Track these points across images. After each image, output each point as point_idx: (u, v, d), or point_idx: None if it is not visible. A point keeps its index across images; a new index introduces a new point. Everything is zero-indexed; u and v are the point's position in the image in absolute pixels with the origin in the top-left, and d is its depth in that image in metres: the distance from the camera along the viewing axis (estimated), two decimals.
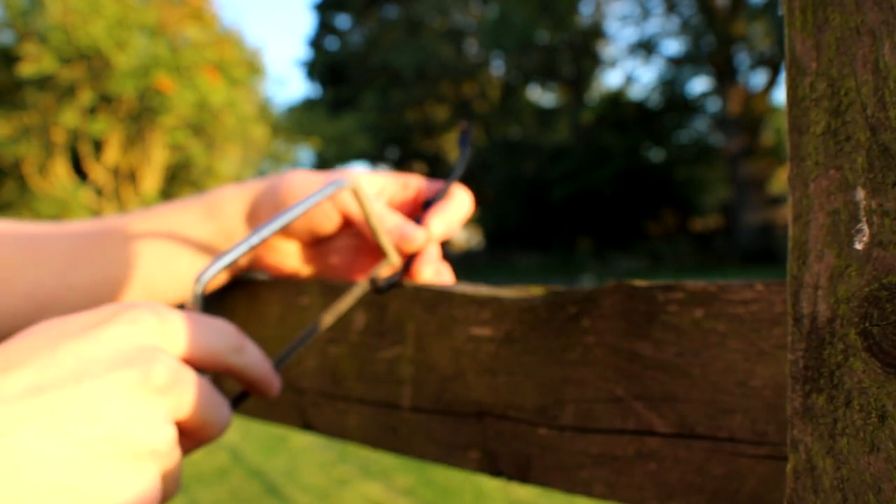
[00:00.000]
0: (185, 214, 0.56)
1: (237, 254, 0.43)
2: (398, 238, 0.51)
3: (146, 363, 0.34)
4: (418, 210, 0.57)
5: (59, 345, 0.33)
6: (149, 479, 0.33)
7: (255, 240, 0.43)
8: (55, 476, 0.30)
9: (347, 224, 0.55)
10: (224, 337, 0.40)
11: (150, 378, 0.34)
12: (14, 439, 0.29)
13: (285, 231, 0.55)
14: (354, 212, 0.53)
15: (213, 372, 0.41)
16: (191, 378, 0.36)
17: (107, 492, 0.31)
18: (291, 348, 0.48)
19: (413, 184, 0.57)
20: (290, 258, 0.58)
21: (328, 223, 0.54)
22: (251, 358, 0.42)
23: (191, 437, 0.38)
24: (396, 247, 0.52)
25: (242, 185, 0.56)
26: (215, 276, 0.42)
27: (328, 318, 0.50)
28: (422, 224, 0.52)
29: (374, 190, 0.56)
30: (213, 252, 0.55)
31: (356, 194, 0.48)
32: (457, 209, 0.54)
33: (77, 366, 0.33)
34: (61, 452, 0.30)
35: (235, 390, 0.52)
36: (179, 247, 0.55)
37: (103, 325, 0.35)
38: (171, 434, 0.35)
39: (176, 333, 0.37)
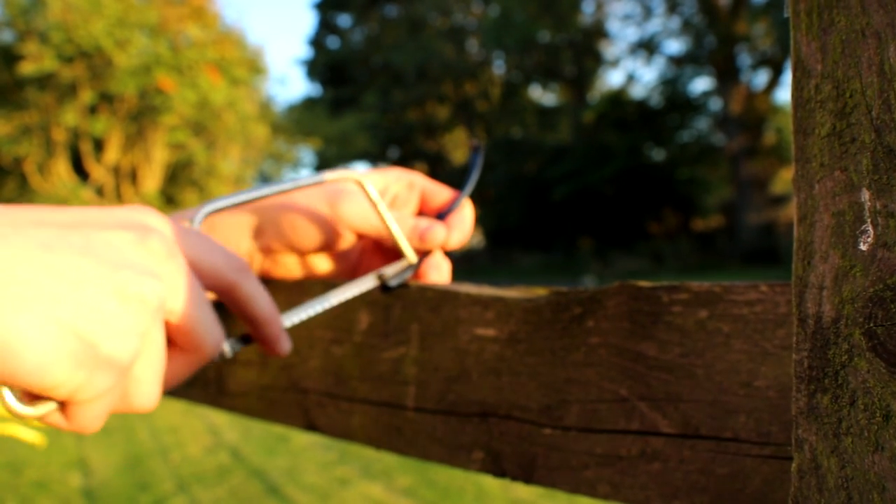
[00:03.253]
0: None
1: (231, 202, 0.45)
2: (419, 236, 0.52)
3: (144, 231, 0.35)
4: (425, 209, 0.57)
5: (69, 208, 0.35)
6: (131, 321, 0.32)
7: (245, 196, 0.45)
8: (44, 281, 0.30)
9: (359, 237, 0.55)
10: (228, 256, 0.40)
11: (146, 243, 0.34)
12: (13, 242, 0.30)
13: (295, 248, 0.54)
14: (365, 227, 0.53)
15: (213, 289, 0.40)
16: (185, 266, 0.36)
17: (90, 313, 0.31)
18: (301, 309, 0.47)
19: (418, 183, 0.57)
20: (297, 270, 0.57)
21: (341, 241, 0.54)
22: (255, 288, 0.41)
23: (177, 339, 0.37)
24: (416, 246, 0.52)
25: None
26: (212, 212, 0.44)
27: (333, 298, 0.50)
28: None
29: (378, 188, 0.56)
30: None
31: (362, 187, 0.49)
32: (469, 222, 0.55)
33: (80, 217, 0.34)
34: (52, 263, 0.30)
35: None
36: None
37: (113, 208, 0.36)
38: (160, 290, 0.34)
39: (180, 234, 0.37)
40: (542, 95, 25.07)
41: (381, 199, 0.56)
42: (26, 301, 0.29)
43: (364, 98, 24.30)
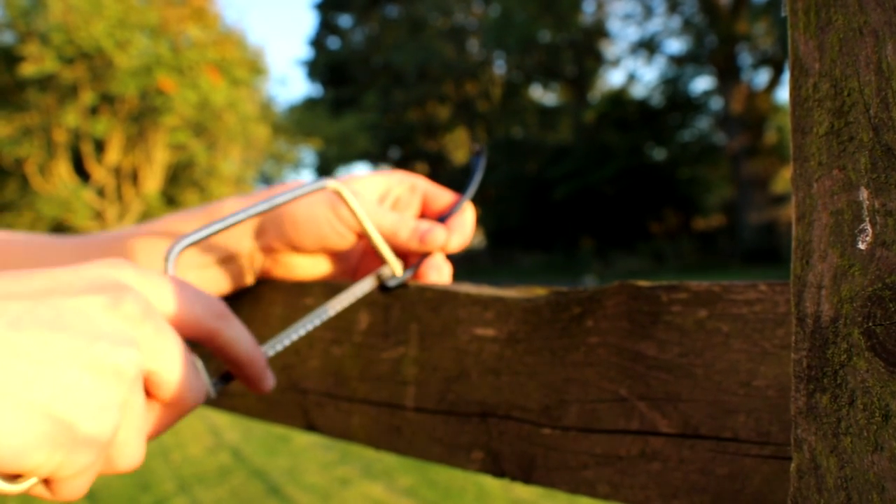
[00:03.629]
0: (188, 224, 0.56)
1: (205, 234, 0.44)
2: (419, 239, 0.52)
3: (117, 293, 0.33)
4: (426, 212, 0.57)
5: (37, 272, 0.33)
6: (109, 396, 0.31)
7: (220, 226, 0.45)
8: (14, 363, 0.28)
9: (359, 237, 0.55)
10: (207, 302, 0.39)
11: (120, 307, 0.33)
12: None
13: (297, 247, 0.54)
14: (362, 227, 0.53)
15: (193, 338, 0.39)
16: (163, 323, 0.35)
17: (65, 393, 0.29)
18: (286, 335, 0.47)
19: (420, 186, 0.57)
20: (299, 270, 0.57)
21: (341, 241, 0.54)
22: (236, 332, 0.40)
23: (159, 396, 0.36)
24: (416, 248, 0.53)
25: (247, 197, 0.56)
26: (186, 249, 0.44)
27: (330, 309, 0.50)
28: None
29: (380, 191, 0.56)
30: (216, 261, 0.55)
31: (340, 196, 0.49)
32: (469, 226, 0.55)
33: (49, 284, 0.32)
34: (22, 343, 0.29)
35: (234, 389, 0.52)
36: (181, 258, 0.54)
37: (84, 266, 0.34)
38: (136, 358, 0.32)
39: (155, 287, 0.36)
40: (543, 95, 25.08)
41: (383, 202, 0.56)
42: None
43: (365, 98, 24.31)
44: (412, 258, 0.55)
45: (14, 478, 0.30)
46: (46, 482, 0.32)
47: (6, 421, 0.28)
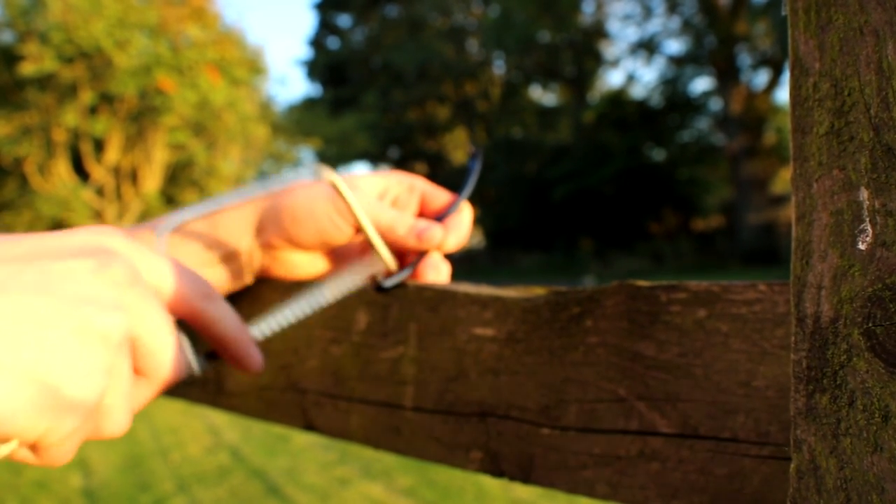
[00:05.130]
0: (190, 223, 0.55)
1: (197, 212, 0.46)
2: (416, 236, 0.52)
3: (105, 258, 0.33)
4: (424, 212, 0.57)
5: (25, 236, 0.33)
6: (95, 360, 0.31)
7: (213, 206, 0.47)
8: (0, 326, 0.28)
9: (357, 231, 0.55)
10: (194, 281, 0.39)
11: (107, 271, 0.32)
12: None
13: (296, 243, 0.54)
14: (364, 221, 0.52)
15: (177, 314, 0.39)
16: (149, 291, 0.35)
17: (51, 357, 0.29)
18: (273, 318, 0.47)
19: (418, 186, 0.58)
20: (298, 268, 0.57)
21: (339, 234, 0.54)
22: (222, 312, 0.40)
23: (142, 365, 0.36)
24: (413, 245, 0.52)
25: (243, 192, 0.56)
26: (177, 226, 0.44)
27: (323, 294, 0.49)
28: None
29: (378, 190, 0.56)
30: (216, 259, 0.55)
31: (336, 188, 0.49)
32: (466, 225, 0.55)
33: (36, 248, 0.32)
34: (7, 307, 0.29)
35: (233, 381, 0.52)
36: (181, 257, 0.54)
37: (72, 231, 0.34)
38: (123, 323, 0.32)
39: (143, 258, 0.36)
40: (543, 95, 25.08)
41: (382, 200, 0.56)
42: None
43: (364, 98, 24.30)
44: (410, 257, 0.54)
45: None
46: (32, 447, 0.32)
47: None
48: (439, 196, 0.57)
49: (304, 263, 0.57)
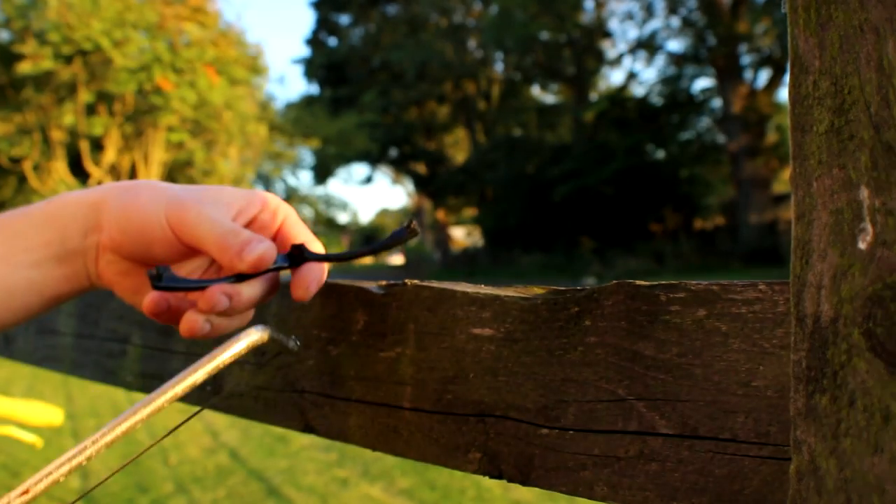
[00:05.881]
0: (24, 219, 0.51)
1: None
2: (235, 252, 0.47)
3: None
4: (280, 236, 0.54)
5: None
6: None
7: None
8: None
9: (194, 251, 0.51)
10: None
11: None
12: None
13: (125, 253, 0.51)
14: (192, 237, 0.49)
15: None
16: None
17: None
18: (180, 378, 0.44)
19: (283, 212, 0.54)
20: (130, 278, 0.53)
21: (171, 249, 0.50)
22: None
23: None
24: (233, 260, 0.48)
25: (86, 190, 0.53)
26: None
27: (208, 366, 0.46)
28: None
29: (238, 207, 0.52)
30: (49, 258, 0.51)
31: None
32: (316, 278, 0.50)
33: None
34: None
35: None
36: (14, 255, 0.50)
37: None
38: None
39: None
40: (543, 94, 25.08)
41: (237, 218, 0.51)
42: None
43: (363, 97, 24.28)
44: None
45: None
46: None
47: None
48: (305, 235, 0.53)
49: (139, 275, 0.53)
